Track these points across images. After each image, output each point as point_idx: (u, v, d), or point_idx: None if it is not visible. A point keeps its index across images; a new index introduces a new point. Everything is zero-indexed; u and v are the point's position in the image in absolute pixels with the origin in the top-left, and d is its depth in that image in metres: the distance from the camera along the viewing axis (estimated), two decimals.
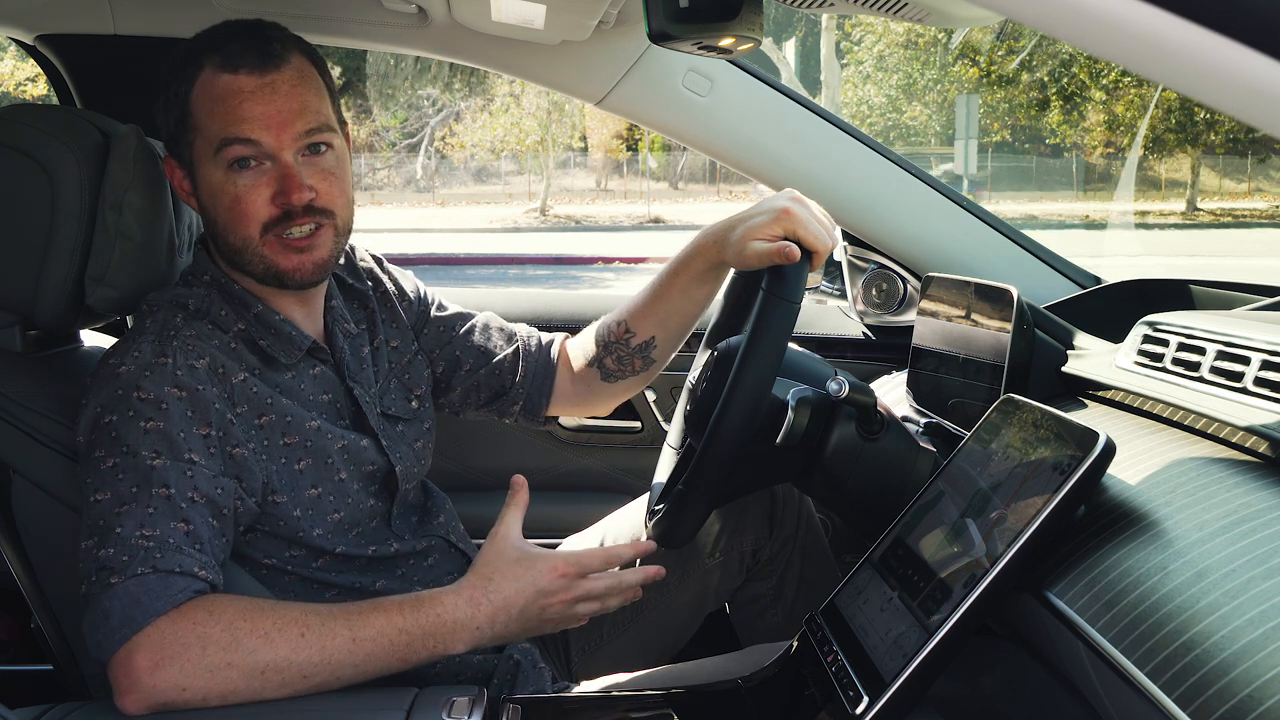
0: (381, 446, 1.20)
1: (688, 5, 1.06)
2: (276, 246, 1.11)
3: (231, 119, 1.07)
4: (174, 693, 0.90)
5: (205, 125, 1.09)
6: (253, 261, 1.12)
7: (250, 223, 1.10)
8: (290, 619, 0.95)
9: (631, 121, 1.76)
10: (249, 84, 1.08)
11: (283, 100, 1.09)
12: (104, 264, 1.12)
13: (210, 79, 1.09)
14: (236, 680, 0.92)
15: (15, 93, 17.68)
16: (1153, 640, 0.73)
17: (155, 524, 0.96)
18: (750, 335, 1.11)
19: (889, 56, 21.01)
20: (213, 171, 1.10)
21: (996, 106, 20.72)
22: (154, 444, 0.99)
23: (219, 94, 1.08)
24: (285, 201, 1.09)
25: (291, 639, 0.94)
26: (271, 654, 0.93)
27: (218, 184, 1.10)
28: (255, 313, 1.15)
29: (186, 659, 0.90)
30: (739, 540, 1.45)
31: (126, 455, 0.99)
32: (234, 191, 1.09)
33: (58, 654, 1.15)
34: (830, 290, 2.00)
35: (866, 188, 1.72)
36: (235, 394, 1.08)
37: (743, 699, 1.07)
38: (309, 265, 1.13)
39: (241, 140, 1.07)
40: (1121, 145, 21.26)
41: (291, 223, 1.10)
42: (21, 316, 1.14)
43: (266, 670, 0.92)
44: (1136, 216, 18.70)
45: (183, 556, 0.95)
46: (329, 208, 1.13)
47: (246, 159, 1.08)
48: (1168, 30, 0.52)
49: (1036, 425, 0.96)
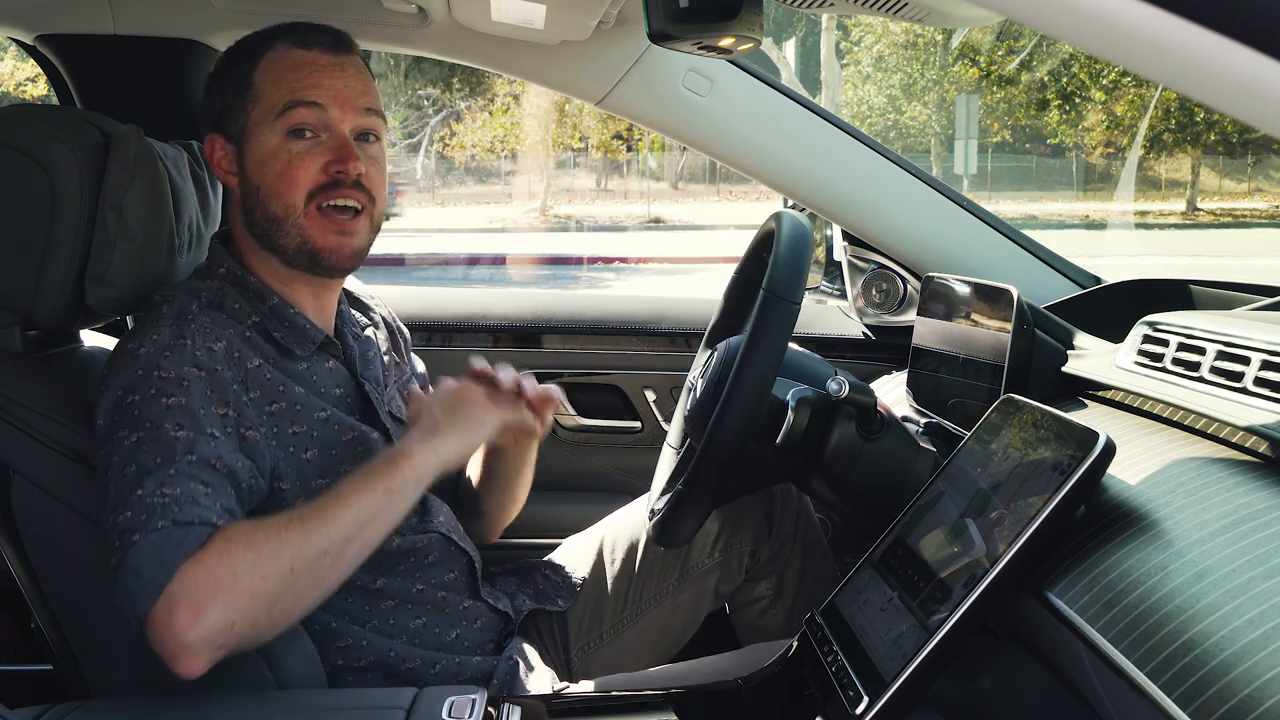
0: (391, 441, 1.21)
1: (688, 5, 1.06)
2: (318, 220, 1.14)
3: (301, 84, 1.13)
4: (224, 633, 0.90)
5: (269, 92, 1.13)
6: (290, 233, 1.14)
7: (298, 188, 1.13)
8: (287, 518, 0.99)
9: (631, 121, 1.76)
10: (322, 59, 1.14)
11: (351, 79, 1.15)
12: (104, 264, 1.12)
13: (282, 53, 1.14)
14: (274, 590, 0.93)
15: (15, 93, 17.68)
16: (1153, 640, 0.73)
17: (175, 484, 0.96)
18: (750, 335, 1.11)
19: (889, 56, 21.01)
20: (269, 137, 1.13)
21: (996, 106, 20.72)
22: (177, 418, 1.00)
23: (291, 64, 1.14)
24: (340, 169, 1.13)
25: (296, 528, 0.97)
26: (290, 549, 0.95)
27: (271, 149, 1.13)
28: (270, 305, 1.16)
29: (223, 593, 0.91)
30: (738, 540, 1.45)
31: (150, 429, 0.99)
32: (287, 156, 1.12)
33: (58, 654, 1.15)
34: (830, 290, 2.00)
35: (866, 188, 1.71)
36: (249, 379, 1.09)
37: (743, 699, 1.07)
38: (347, 249, 1.16)
39: (308, 104, 1.12)
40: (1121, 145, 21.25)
41: (338, 192, 1.13)
42: (21, 316, 1.14)
43: (295, 565, 0.95)
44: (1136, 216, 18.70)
45: (199, 509, 0.96)
46: (373, 191, 1.17)
47: (303, 129, 1.12)
48: (1168, 30, 0.52)
49: (1036, 425, 0.96)
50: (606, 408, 1.91)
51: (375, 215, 1.19)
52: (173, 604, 0.90)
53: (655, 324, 1.89)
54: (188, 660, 0.90)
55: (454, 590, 1.25)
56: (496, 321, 1.89)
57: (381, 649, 1.17)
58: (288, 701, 0.99)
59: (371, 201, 1.17)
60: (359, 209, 1.16)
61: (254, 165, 1.14)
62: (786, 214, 1.22)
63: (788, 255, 1.15)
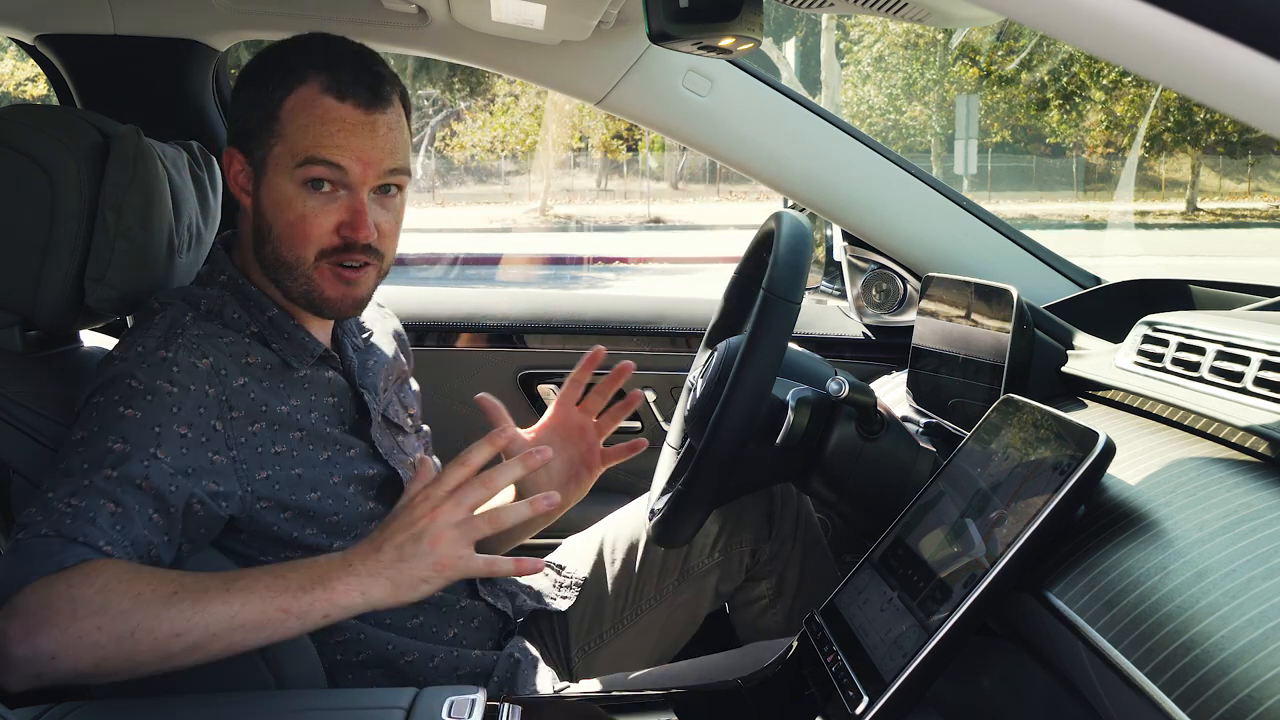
0: (379, 453, 1.20)
1: (688, 5, 1.06)
2: (328, 274, 1.12)
3: (326, 142, 1.08)
4: (44, 662, 0.86)
5: (294, 136, 1.09)
6: (298, 281, 1.12)
7: (309, 244, 1.10)
8: (168, 579, 0.91)
9: (631, 121, 1.76)
10: (353, 116, 1.09)
11: (379, 140, 1.10)
12: (103, 264, 1.12)
13: (313, 96, 1.09)
14: (106, 645, 0.87)
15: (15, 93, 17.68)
16: (1153, 640, 0.73)
17: (84, 497, 0.94)
18: (750, 335, 1.11)
19: (889, 56, 21.01)
20: (285, 182, 1.10)
21: (996, 106, 20.72)
22: (123, 430, 0.99)
23: (320, 115, 1.08)
24: (350, 235, 1.10)
25: (163, 597, 0.89)
26: (141, 615, 0.88)
27: (287, 196, 1.10)
28: (270, 316, 1.15)
29: (56, 624, 0.86)
30: (738, 540, 1.45)
31: (94, 434, 0.98)
32: (301, 209, 1.09)
33: None
34: (830, 290, 2.00)
35: (866, 188, 1.71)
36: (233, 398, 1.07)
37: (743, 699, 1.07)
38: (350, 299, 1.14)
39: (329, 164, 1.08)
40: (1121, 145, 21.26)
41: (348, 254, 1.11)
42: (21, 317, 1.14)
43: (136, 632, 0.87)
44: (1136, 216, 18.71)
45: (93, 529, 0.93)
46: (383, 251, 1.15)
47: (323, 181, 1.09)
48: (1168, 30, 0.52)
49: (1036, 425, 0.96)
50: None
51: (384, 267, 1.17)
52: (10, 614, 0.87)
53: (655, 324, 1.89)
54: (11, 677, 0.87)
55: (451, 589, 1.24)
56: (496, 321, 1.89)
57: (379, 643, 1.16)
58: (287, 701, 0.98)
59: (381, 257, 1.15)
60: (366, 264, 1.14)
61: (269, 203, 1.12)
62: (786, 214, 1.22)
63: (788, 255, 1.15)
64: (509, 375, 1.89)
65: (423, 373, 1.84)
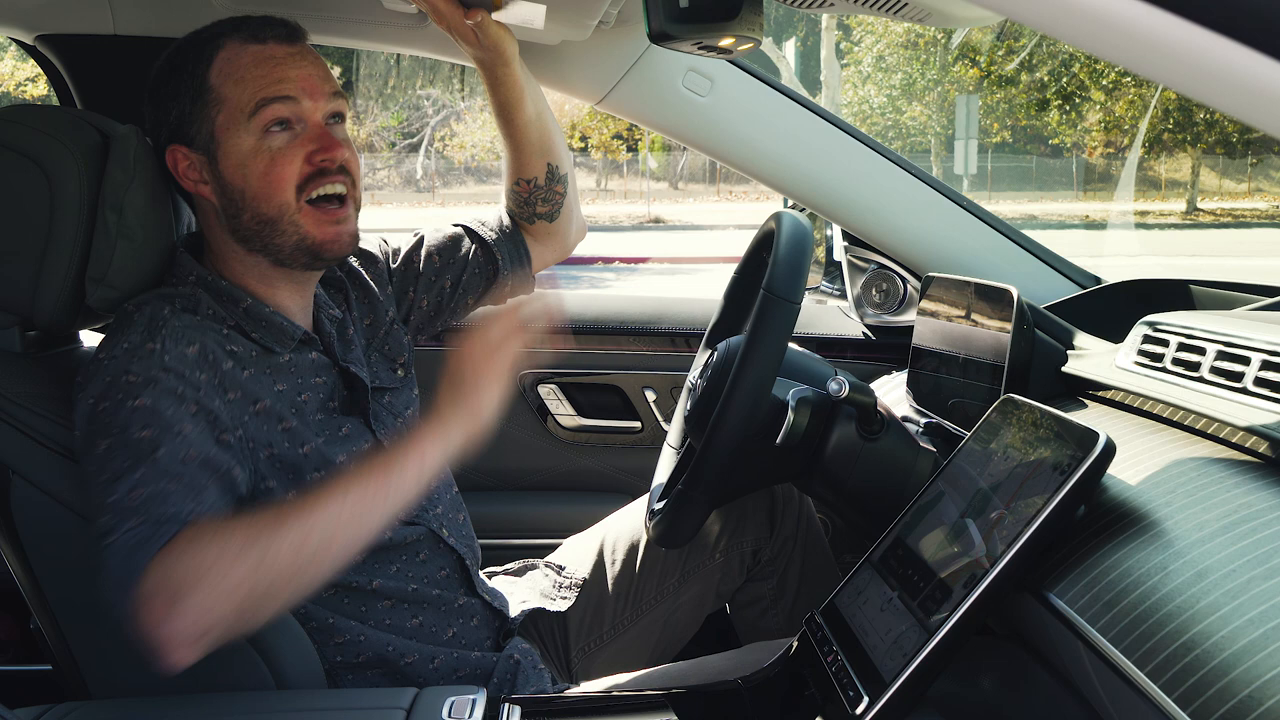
0: (369, 424, 1.21)
1: (688, 5, 1.06)
2: (312, 215, 1.13)
3: (268, 80, 1.10)
4: (201, 622, 0.89)
5: (234, 94, 1.10)
6: (286, 232, 1.13)
7: (286, 185, 1.11)
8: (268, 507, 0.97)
9: (631, 121, 1.76)
10: (279, 51, 1.12)
11: (311, 66, 1.14)
12: (104, 264, 1.12)
13: (236, 51, 1.11)
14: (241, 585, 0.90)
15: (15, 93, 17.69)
16: (1153, 640, 0.73)
17: (145, 485, 0.96)
18: (750, 335, 1.11)
19: (889, 56, 21.01)
20: (244, 139, 1.11)
21: (996, 106, 20.72)
22: (143, 419, 0.99)
23: (249, 61, 1.11)
24: (325, 158, 1.12)
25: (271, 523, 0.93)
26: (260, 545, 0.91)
27: (249, 151, 1.11)
28: (244, 307, 1.15)
29: (189, 587, 0.89)
30: (739, 540, 1.45)
31: (119, 434, 0.99)
32: (269, 154, 1.11)
33: (57, 654, 1.15)
34: (830, 290, 2.00)
35: (866, 188, 1.71)
36: (226, 381, 1.08)
37: (743, 699, 1.07)
38: (345, 237, 1.16)
39: (281, 99, 1.10)
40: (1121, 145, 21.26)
41: (325, 180, 1.12)
42: (21, 317, 1.14)
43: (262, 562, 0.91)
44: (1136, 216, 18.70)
45: (168, 505, 0.95)
46: (354, 174, 1.16)
47: (283, 120, 1.11)
48: (1168, 30, 0.52)
49: (1036, 425, 0.96)
50: (606, 408, 1.91)
51: (357, 197, 1.19)
52: (147, 600, 0.90)
53: (655, 324, 1.89)
54: (172, 652, 0.89)
55: (448, 587, 1.24)
56: None
57: (379, 644, 1.16)
58: (287, 701, 0.99)
59: (353, 184, 1.17)
60: (344, 195, 1.15)
61: (232, 170, 1.12)
62: (786, 214, 1.22)
63: (788, 255, 1.15)
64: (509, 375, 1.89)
65: (422, 372, 1.84)
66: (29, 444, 1.09)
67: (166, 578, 0.90)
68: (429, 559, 1.23)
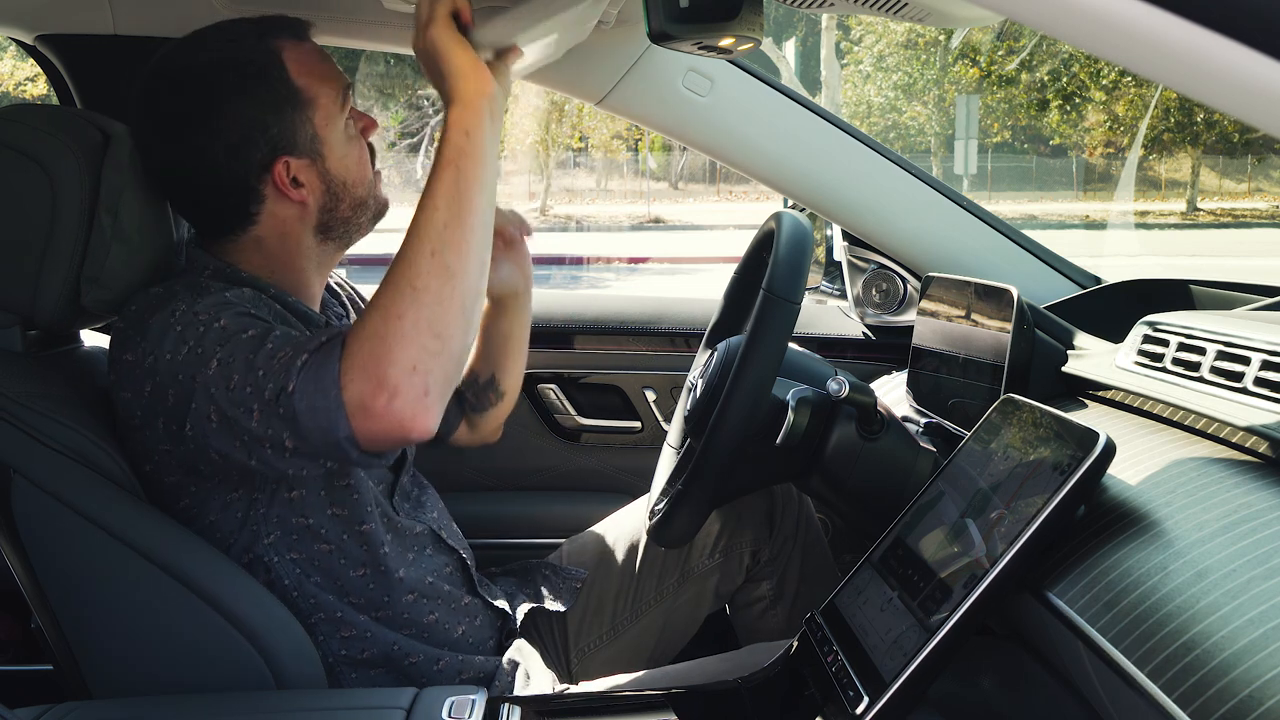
0: None
1: (688, 5, 1.06)
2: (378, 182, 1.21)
3: (331, 72, 1.14)
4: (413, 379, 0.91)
5: (319, 90, 1.12)
6: (370, 204, 1.19)
7: (368, 165, 1.18)
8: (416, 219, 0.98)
9: (631, 121, 1.76)
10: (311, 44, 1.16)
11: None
12: (99, 265, 1.12)
13: (299, 51, 1.13)
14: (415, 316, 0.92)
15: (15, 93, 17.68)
16: (1153, 640, 0.73)
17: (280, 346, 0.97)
18: (750, 335, 1.11)
19: (889, 56, 21.00)
20: (340, 130, 1.15)
21: (996, 106, 20.72)
22: (239, 324, 1.00)
23: (314, 57, 1.14)
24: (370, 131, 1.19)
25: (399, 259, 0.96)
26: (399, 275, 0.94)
27: (346, 140, 1.16)
28: (270, 295, 1.15)
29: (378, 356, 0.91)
30: (739, 541, 1.45)
31: (225, 348, 0.98)
32: (358, 141, 1.18)
33: (58, 654, 1.15)
34: (830, 290, 2.00)
35: (866, 188, 1.71)
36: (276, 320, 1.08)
37: (742, 699, 1.07)
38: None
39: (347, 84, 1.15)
40: (1121, 145, 21.26)
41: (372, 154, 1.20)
42: (21, 316, 1.14)
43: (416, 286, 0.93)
44: (1136, 216, 18.71)
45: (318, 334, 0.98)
46: None
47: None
48: (1168, 30, 0.52)
49: (1036, 425, 0.96)
50: (606, 408, 1.91)
51: None
52: (360, 402, 0.91)
53: (655, 324, 1.89)
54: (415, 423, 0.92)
55: (454, 584, 1.26)
56: None
57: (385, 641, 1.16)
58: (287, 701, 0.99)
59: None
60: None
61: (337, 162, 1.14)
62: (786, 214, 1.22)
63: (788, 255, 1.15)
64: None
65: None
66: (30, 443, 1.09)
67: (356, 372, 0.92)
68: (434, 554, 1.24)
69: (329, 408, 0.92)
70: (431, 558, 1.24)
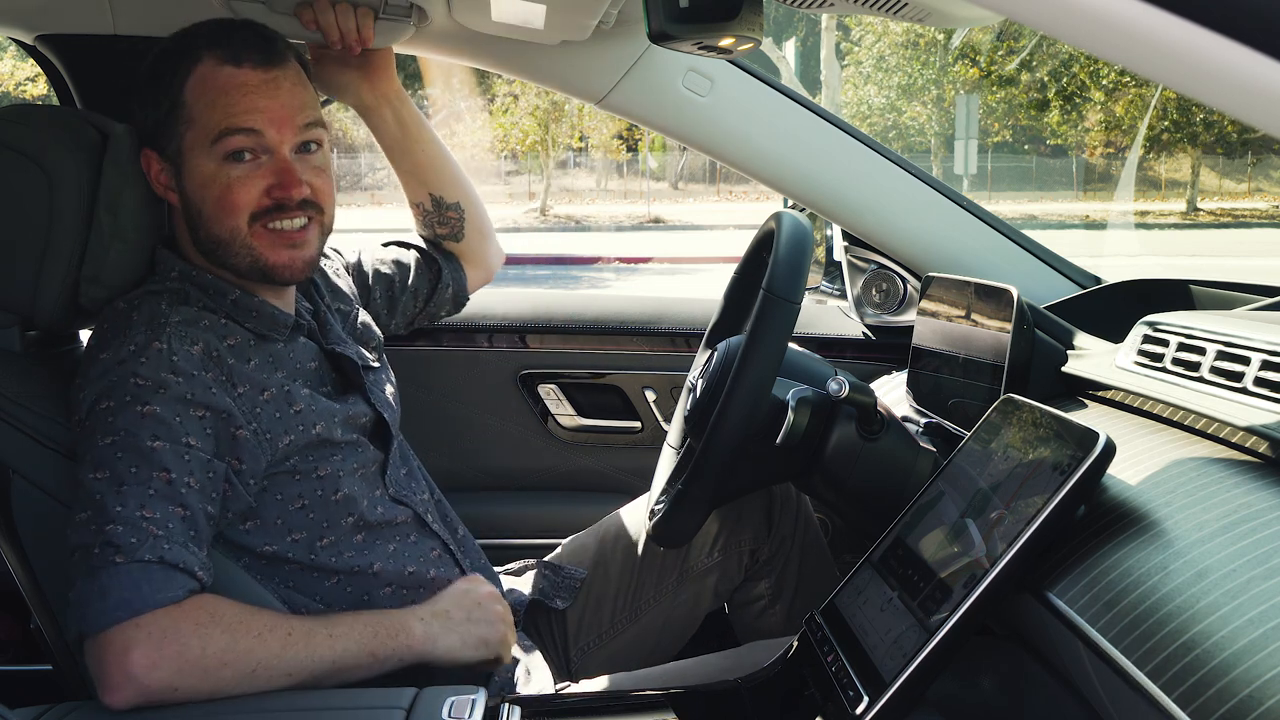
0: (367, 398, 1.23)
1: (688, 5, 1.06)
2: (265, 239, 1.13)
3: (234, 110, 1.09)
4: (165, 692, 0.92)
5: (202, 116, 1.10)
6: (239, 254, 1.13)
7: (239, 212, 1.11)
8: (278, 620, 1.00)
9: (631, 121, 1.76)
10: (253, 78, 1.11)
11: (285, 96, 1.12)
12: (98, 264, 1.12)
13: (211, 70, 1.10)
14: (229, 679, 0.94)
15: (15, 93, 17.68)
16: (1153, 640, 0.73)
17: (155, 507, 0.97)
18: (750, 335, 1.11)
19: (889, 56, 21.00)
20: (205, 163, 1.11)
21: (996, 106, 20.72)
22: (152, 428, 1.00)
23: (221, 85, 1.10)
24: (282, 195, 1.11)
25: (280, 638, 0.98)
26: (264, 652, 0.96)
27: (209, 174, 1.11)
28: (232, 299, 1.15)
29: (185, 659, 0.92)
30: (738, 540, 1.45)
31: (125, 437, 0.99)
32: (226, 181, 1.10)
33: (58, 654, 1.15)
34: (830, 290, 2.00)
35: (866, 188, 1.71)
36: (233, 375, 1.08)
37: (742, 699, 1.07)
38: (299, 262, 1.15)
39: (244, 131, 1.09)
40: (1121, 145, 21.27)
41: (283, 215, 1.12)
42: (22, 316, 1.14)
43: (257, 669, 0.96)
44: (1136, 216, 18.70)
45: (186, 553, 0.97)
46: (320, 203, 1.16)
47: (243, 151, 1.10)
48: (1168, 30, 0.52)
49: (1036, 425, 0.96)
50: (606, 408, 1.91)
51: (326, 221, 1.18)
52: (132, 642, 0.91)
53: (655, 324, 1.89)
54: (121, 696, 0.91)
55: (443, 566, 1.24)
56: (496, 321, 1.89)
57: None
58: (287, 701, 0.98)
59: (320, 211, 1.16)
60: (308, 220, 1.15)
61: (193, 188, 1.12)
62: (786, 214, 1.22)
63: (788, 255, 1.15)
64: (509, 375, 1.89)
65: (422, 372, 1.84)
66: (29, 444, 1.09)
67: (163, 635, 0.92)
68: (418, 540, 1.23)
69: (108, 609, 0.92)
70: (415, 544, 1.23)
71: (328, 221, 1.19)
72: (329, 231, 1.20)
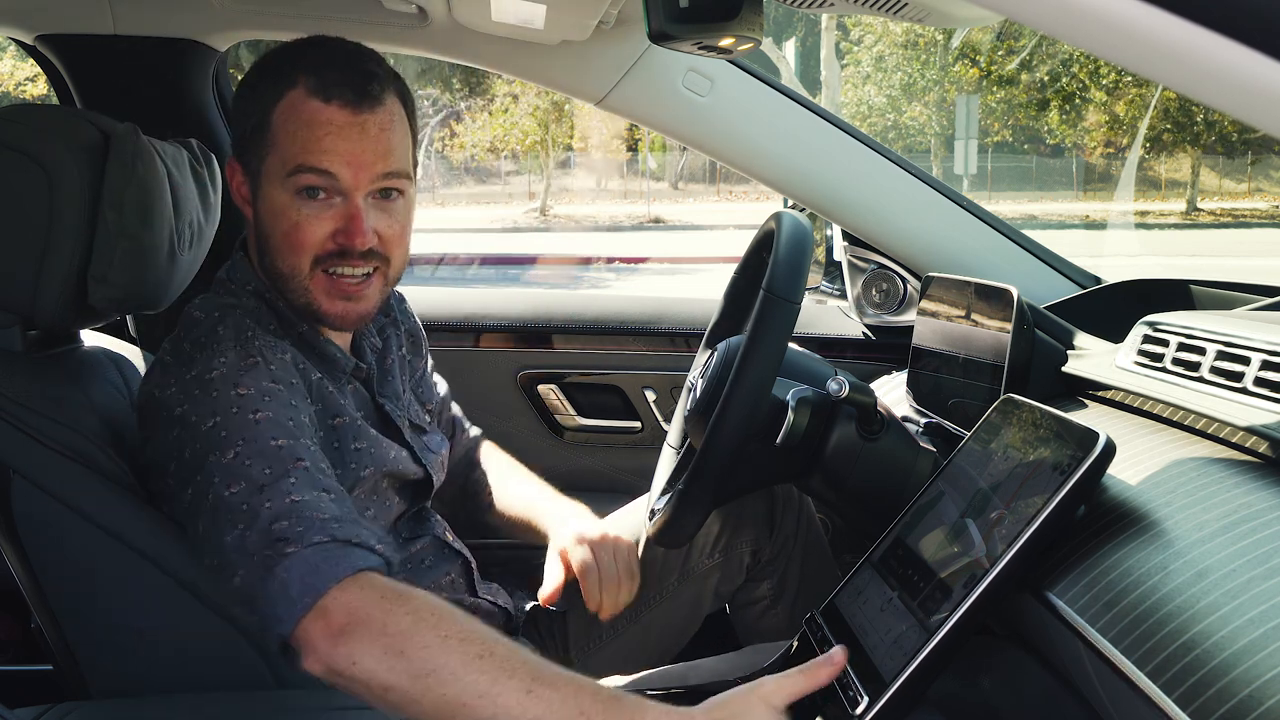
0: (416, 456, 1.22)
1: (688, 5, 1.06)
2: (323, 285, 1.10)
3: (313, 148, 1.06)
4: (345, 663, 0.86)
5: (283, 144, 1.07)
6: (296, 293, 1.11)
7: (303, 252, 1.08)
8: (478, 636, 0.87)
9: (631, 121, 1.76)
10: (339, 117, 1.06)
11: (370, 142, 1.07)
12: (106, 263, 1.12)
13: (300, 100, 1.07)
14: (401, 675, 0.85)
15: (15, 93, 17.68)
16: (1153, 640, 0.73)
17: (303, 493, 0.94)
18: (750, 335, 1.11)
19: (889, 56, 21.01)
20: (279, 192, 1.08)
21: (996, 106, 20.72)
22: (269, 431, 0.98)
23: (306, 119, 1.06)
24: (346, 242, 1.08)
25: (469, 656, 0.85)
26: (444, 659, 0.84)
27: (280, 206, 1.08)
28: (300, 333, 1.14)
29: (366, 634, 0.86)
30: (738, 540, 1.45)
31: (247, 444, 0.96)
32: (295, 218, 1.07)
33: (58, 654, 1.15)
34: (830, 290, 2.00)
35: (866, 188, 1.72)
36: (313, 391, 1.09)
37: None
38: (353, 315, 1.13)
39: (318, 171, 1.06)
40: (1121, 145, 21.26)
41: (345, 261, 1.09)
42: (22, 316, 1.14)
43: (430, 675, 0.84)
44: (1136, 216, 18.71)
45: (357, 528, 0.93)
46: (387, 255, 1.12)
47: (317, 189, 1.07)
48: (1168, 30, 0.52)
49: (1036, 425, 0.96)
50: (606, 408, 1.91)
51: (391, 273, 1.15)
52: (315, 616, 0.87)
53: (655, 324, 1.89)
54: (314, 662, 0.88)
55: (453, 590, 1.25)
56: (496, 321, 1.90)
57: None
58: (287, 701, 0.99)
59: (386, 262, 1.13)
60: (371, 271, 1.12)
61: (265, 214, 1.10)
62: (786, 214, 1.22)
63: (788, 255, 1.15)
64: (509, 375, 1.89)
65: None
66: (30, 443, 1.09)
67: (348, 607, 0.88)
68: (434, 565, 1.24)
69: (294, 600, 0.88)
70: (430, 569, 1.24)
71: (393, 274, 1.15)
72: (395, 282, 1.17)
